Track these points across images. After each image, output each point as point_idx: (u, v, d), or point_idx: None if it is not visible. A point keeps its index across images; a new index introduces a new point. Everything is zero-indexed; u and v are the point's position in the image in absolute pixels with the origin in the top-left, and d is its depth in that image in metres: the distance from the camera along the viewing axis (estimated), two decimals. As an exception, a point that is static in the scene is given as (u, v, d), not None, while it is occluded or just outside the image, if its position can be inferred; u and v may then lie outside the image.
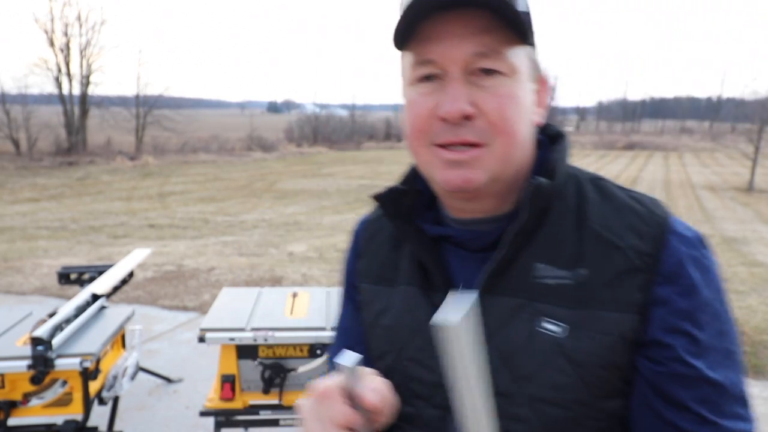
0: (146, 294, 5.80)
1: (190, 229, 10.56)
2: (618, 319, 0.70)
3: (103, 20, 30.00)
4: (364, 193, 16.71)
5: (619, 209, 0.75)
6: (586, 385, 0.71)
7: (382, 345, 0.85)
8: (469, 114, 0.71)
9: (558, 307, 0.72)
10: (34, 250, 8.10)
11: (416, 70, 0.74)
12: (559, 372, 0.71)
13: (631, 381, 0.73)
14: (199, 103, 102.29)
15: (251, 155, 31.47)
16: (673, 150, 42.79)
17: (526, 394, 0.72)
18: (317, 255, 7.87)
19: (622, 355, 0.71)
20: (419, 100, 0.74)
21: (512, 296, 0.74)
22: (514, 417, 0.73)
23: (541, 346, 0.71)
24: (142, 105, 32.02)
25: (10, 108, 27.28)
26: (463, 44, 0.70)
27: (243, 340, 2.39)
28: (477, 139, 0.72)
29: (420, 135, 0.75)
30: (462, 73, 0.71)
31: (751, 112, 24.89)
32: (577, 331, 0.71)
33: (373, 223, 0.93)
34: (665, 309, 0.70)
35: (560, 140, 0.81)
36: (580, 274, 0.72)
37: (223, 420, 2.44)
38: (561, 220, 0.75)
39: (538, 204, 0.73)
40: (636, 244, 0.72)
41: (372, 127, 48.25)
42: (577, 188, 0.78)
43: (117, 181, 19.11)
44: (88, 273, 3.29)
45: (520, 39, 0.72)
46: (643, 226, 0.73)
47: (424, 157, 0.76)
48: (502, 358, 0.73)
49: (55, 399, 2.32)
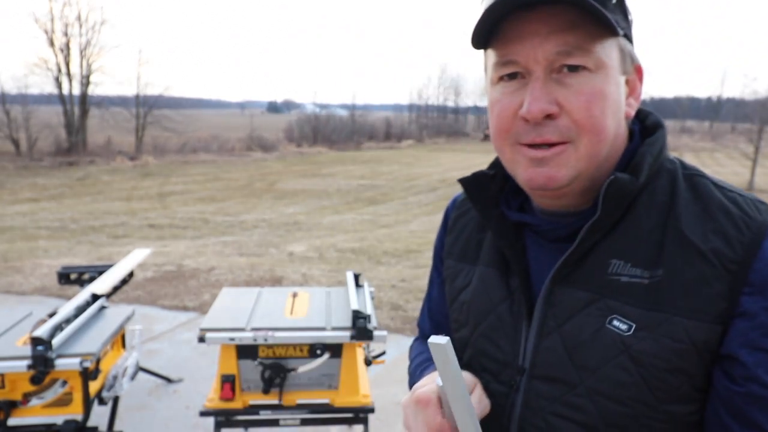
0: (146, 294, 5.79)
1: (190, 229, 10.56)
2: (690, 326, 0.67)
3: (103, 20, 29.95)
4: (364, 193, 16.71)
5: (709, 210, 0.71)
6: (649, 386, 0.69)
7: (460, 318, 0.89)
8: (551, 113, 0.70)
9: (629, 306, 0.70)
10: (34, 250, 8.10)
11: (499, 69, 0.74)
12: (621, 369, 0.70)
13: (704, 389, 0.71)
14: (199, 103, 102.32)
15: (251, 155, 31.45)
16: (673, 150, 42.36)
17: (587, 386, 0.72)
18: (317, 255, 7.87)
19: (693, 362, 0.68)
20: (502, 99, 0.74)
21: (584, 290, 0.74)
22: (574, 406, 0.73)
23: (606, 341, 0.71)
24: (142, 105, 32.00)
25: (10, 108, 27.27)
26: (545, 44, 0.70)
27: (243, 340, 2.39)
28: (560, 138, 0.71)
29: (504, 134, 0.75)
30: (545, 72, 0.71)
31: (751, 112, 24.87)
32: (643, 332, 0.69)
33: (464, 202, 0.96)
34: (748, 323, 0.66)
35: (655, 133, 0.79)
36: (657, 275, 0.70)
37: (223, 420, 2.44)
38: (645, 217, 0.73)
39: (614, 200, 0.72)
40: (721, 249, 0.68)
41: (372, 127, 48.22)
42: (670, 184, 0.74)
43: (117, 181, 19.10)
44: (88, 273, 3.29)
45: (607, 33, 0.70)
46: (733, 231, 0.68)
47: (508, 156, 0.77)
48: (566, 348, 0.74)
49: (55, 399, 2.32)
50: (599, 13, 0.67)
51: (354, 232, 10.43)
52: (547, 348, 0.75)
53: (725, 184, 0.75)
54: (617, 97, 0.73)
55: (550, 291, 0.76)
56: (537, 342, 0.76)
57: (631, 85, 0.77)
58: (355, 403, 2.47)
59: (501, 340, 0.81)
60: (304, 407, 2.45)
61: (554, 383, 0.74)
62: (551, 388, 0.75)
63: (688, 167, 0.77)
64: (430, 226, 11.17)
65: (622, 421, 0.71)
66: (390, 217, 12.65)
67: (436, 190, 17.13)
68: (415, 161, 29.97)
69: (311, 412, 2.46)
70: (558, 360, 0.74)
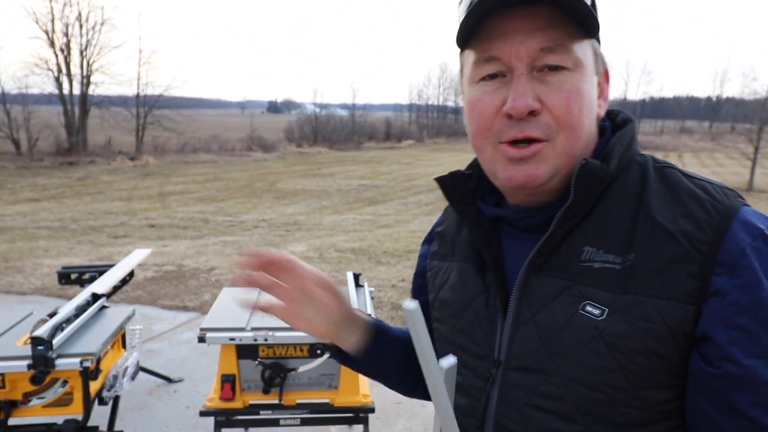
0: (146, 294, 5.80)
1: (191, 229, 10.57)
2: (662, 307, 0.68)
3: (104, 20, 29.93)
4: (364, 193, 16.71)
5: (678, 197, 0.72)
6: (623, 371, 0.69)
7: (440, 315, 0.90)
8: (534, 109, 0.71)
9: (601, 291, 0.71)
10: (35, 250, 8.10)
11: (480, 68, 0.75)
12: (595, 354, 0.70)
13: (681, 375, 0.70)
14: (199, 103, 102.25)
15: (251, 155, 31.48)
16: (673, 150, 42.79)
17: (561, 374, 0.72)
18: (317, 255, 7.87)
19: (666, 344, 0.68)
20: (484, 98, 0.75)
21: (558, 277, 0.74)
22: (549, 395, 0.73)
23: (579, 327, 0.71)
24: (142, 105, 32.02)
25: (10, 108, 27.28)
26: (528, 40, 0.71)
27: (243, 339, 2.39)
28: (541, 135, 0.72)
29: (486, 132, 0.76)
30: (527, 69, 0.72)
31: (750, 112, 24.90)
32: (616, 315, 0.69)
33: (445, 213, 0.99)
34: (721, 301, 0.66)
35: (624, 126, 0.80)
36: (628, 260, 0.70)
37: (223, 420, 2.45)
38: (616, 206, 0.74)
39: (585, 185, 0.72)
40: (690, 230, 0.69)
41: (372, 127, 48.26)
42: (641, 176, 0.76)
43: (117, 181, 19.11)
44: (89, 273, 3.29)
45: (585, 32, 0.72)
46: (701, 214, 0.70)
47: (488, 154, 0.77)
48: (541, 337, 0.74)
49: (56, 399, 2.32)
50: (581, 12, 0.70)
51: (354, 232, 10.43)
52: (522, 338, 0.76)
53: (695, 174, 0.77)
54: (592, 97, 0.75)
55: (524, 280, 0.77)
56: (512, 332, 0.77)
57: (601, 87, 0.79)
58: (355, 403, 2.47)
59: (478, 335, 0.82)
60: (304, 407, 2.46)
61: (529, 373, 0.75)
62: (527, 379, 0.75)
63: (659, 160, 0.79)
64: (430, 226, 11.16)
65: (596, 408, 0.71)
66: (390, 217, 12.66)
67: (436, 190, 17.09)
68: (415, 161, 29.98)
69: (311, 411, 2.46)
70: (533, 349, 0.74)
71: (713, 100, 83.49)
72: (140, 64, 35.40)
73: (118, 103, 31.48)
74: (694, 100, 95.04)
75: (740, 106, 42.24)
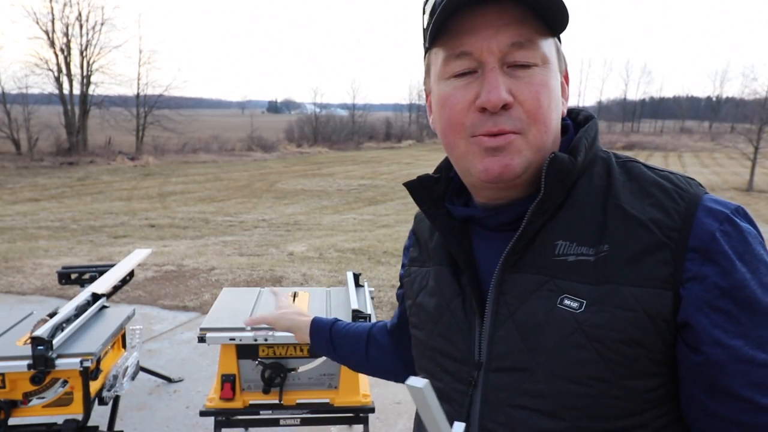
0: (146, 294, 5.80)
1: (191, 229, 10.57)
2: (639, 294, 0.68)
3: (104, 20, 29.93)
4: (364, 193, 16.71)
5: (644, 187, 0.74)
6: (605, 362, 0.69)
7: (417, 321, 0.90)
8: (508, 103, 0.72)
9: (578, 284, 0.71)
10: (35, 250, 8.11)
11: (450, 64, 0.75)
12: (577, 347, 0.70)
13: (664, 363, 0.71)
14: (199, 103, 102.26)
15: (251, 155, 31.48)
16: (673, 150, 42.79)
17: (544, 370, 0.72)
18: (317, 255, 7.87)
19: (647, 332, 0.69)
20: (455, 93, 0.75)
21: (533, 273, 0.74)
22: (533, 393, 0.73)
23: (559, 321, 0.71)
24: (142, 105, 32.02)
25: (10, 108, 27.28)
26: (499, 35, 0.71)
27: (243, 339, 2.39)
28: (514, 128, 0.73)
29: (458, 127, 0.76)
30: (499, 63, 0.72)
31: (750, 113, 24.89)
32: (594, 306, 0.70)
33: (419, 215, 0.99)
34: (699, 286, 0.68)
35: (587, 123, 0.82)
36: (602, 251, 0.71)
37: (223, 420, 2.45)
38: (585, 199, 0.75)
39: (555, 179, 0.73)
40: (660, 218, 0.70)
41: (372, 127, 48.25)
42: (605, 171, 0.77)
43: (117, 181, 19.11)
44: (89, 273, 3.29)
45: (548, 31, 0.73)
46: (668, 202, 0.71)
47: (462, 149, 0.77)
48: (521, 334, 0.74)
49: (56, 399, 2.32)
50: (549, 9, 0.71)
51: (354, 232, 10.43)
52: (502, 337, 0.75)
53: (656, 166, 0.78)
54: (558, 93, 0.77)
55: (500, 279, 0.77)
56: (492, 333, 0.77)
57: (562, 86, 0.80)
58: (355, 403, 2.47)
59: (456, 338, 0.81)
60: (304, 407, 2.46)
61: (512, 373, 0.74)
62: (509, 379, 0.75)
63: (621, 156, 0.80)
64: (430, 226, 11.15)
65: (582, 402, 0.70)
66: (390, 217, 12.66)
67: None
68: (415, 161, 29.97)
69: (311, 411, 2.46)
70: (514, 348, 0.74)
71: (713, 100, 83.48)
72: (140, 64, 35.40)
73: (118, 103, 31.48)
74: (694, 100, 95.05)
75: (740, 106, 42.25)
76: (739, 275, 0.67)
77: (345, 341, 1.16)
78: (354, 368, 1.20)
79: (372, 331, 1.16)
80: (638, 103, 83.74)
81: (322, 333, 1.18)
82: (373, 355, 1.14)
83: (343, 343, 1.16)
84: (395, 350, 1.11)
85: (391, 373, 1.14)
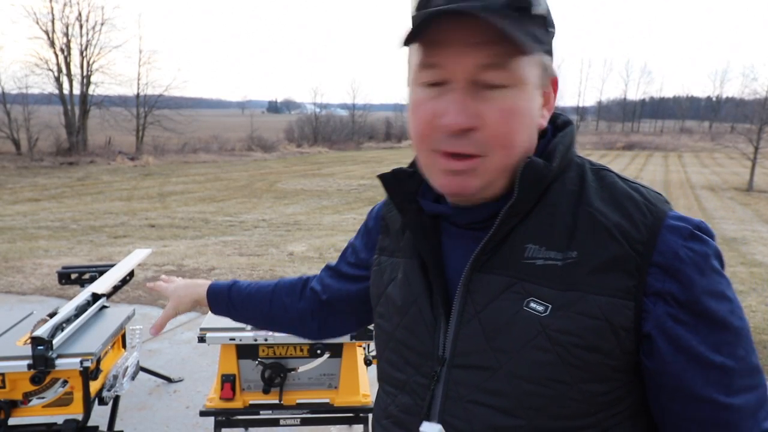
0: (146, 294, 5.79)
1: (191, 229, 10.57)
2: (603, 303, 0.71)
3: (104, 20, 29.90)
4: (365, 193, 16.71)
5: (615, 197, 0.75)
6: (565, 365, 0.71)
7: (384, 312, 0.90)
8: (469, 127, 0.71)
9: (544, 288, 0.72)
10: (35, 250, 8.10)
11: (422, 72, 0.75)
12: (539, 350, 0.72)
13: (621, 369, 0.73)
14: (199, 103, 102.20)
15: (251, 155, 31.48)
16: (673, 150, 42.78)
17: (506, 370, 0.73)
18: (317, 255, 7.87)
19: (608, 339, 0.71)
20: (425, 104, 0.75)
21: (501, 275, 0.75)
22: (493, 391, 0.74)
23: (523, 324, 0.73)
24: (142, 105, 32.00)
25: (10, 108, 27.27)
26: (470, 54, 0.70)
27: (243, 339, 2.39)
28: (474, 151, 0.73)
29: (422, 139, 0.77)
30: (466, 83, 0.71)
31: (750, 113, 24.88)
32: (559, 312, 0.71)
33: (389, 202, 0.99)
34: (661, 300, 0.71)
35: (565, 128, 0.82)
36: (570, 256, 0.72)
37: (223, 420, 2.45)
38: (557, 204, 0.76)
39: (530, 183, 0.74)
40: (628, 230, 0.72)
41: (372, 127, 48.24)
42: (579, 176, 0.78)
43: (117, 181, 19.11)
44: (89, 273, 3.29)
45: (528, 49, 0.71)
46: (638, 215, 0.73)
47: (425, 160, 0.79)
48: (485, 334, 0.75)
49: (56, 399, 2.32)
50: (524, 30, 0.70)
51: (354, 232, 10.40)
52: (467, 335, 0.77)
53: (629, 178, 0.80)
54: (532, 112, 0.75)
55: (469, 278, 0.77)
56: (457, 330, 0.78)
57: (546, 96, 0.79)
58: (355, 403, 2.47)
59: (421, 332, 0.82)
60: (304, 407, 2.46)
61: (474, 370, 0.76)
62: (471, 376, 0.76)
63: (595, 163, 0.82)
64: (430, 226, 11.14)
65: (539, 402, 0.72)
66: (390, 217, 12.62)
67: (436, 190, 17.10)
68: (415, 161, 29.89)
69: (311, 411, 2.46)
70: (478, 346, 0.75)
71: (713, 100, 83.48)
72: (140, 64, 35.38)
73: (118, 103, 31.43)
74: (694, 100, 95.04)
75: (740, 106, 42.23)
76: (698, 290, 0.71)
77: (247, 303, 1.18)
78: (259, 327, 1.23)
79: (276, 292, 1.17)
80: (638, 103, 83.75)
81: (219, 300, 1.20)
82: (278, 315, 1.16)
83: (248, 304, 1.18)
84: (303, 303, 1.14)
85: (294, 329, 1.18)
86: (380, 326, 0.92)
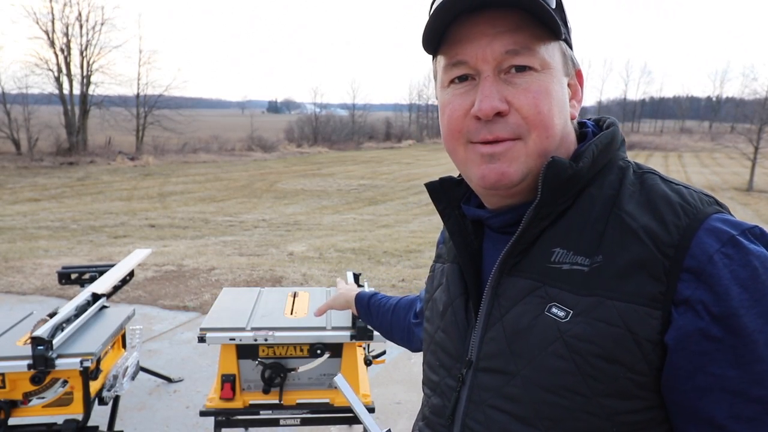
0: (146, 294, 5.80)
1: (191, 228, 10.57)
2: (624, 310, 0.66)
3: (104, 20, 29.91)
4: (364, 193, 16.71)
5: (651, 199, 0.71)
6: (583, 376, 0.68)
7: (429, 315, 0.92)
8: (502, 111, 0.72)
9: (568, 293, 0.70)
10: (35, 250, 8.10)
11: (449, 72, 0.76)
12: (556, 356, 0.69)
13: (648, 387, 0.68)
14: (199, 103, 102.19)
15: (251, 155, 31.49)
16: (673, 150, 42.80)
17: (524, 376, 0.72)
18: (317, 255, 7.87)
19: (630, 350, 0.66)
20: (454, 101, 0.76)
21: (527, 278, 0.74)
22: (510, 397, 0.73)
23: (543, 329, 0.71)
24: (142, 105, 32.01)
25: (10, 108, 27.27)
26: (494, 43, 0.72)
27: (243, 339, 2.39)
28: (511, 135, 0.73)
29: (456, 134, 0.77)
30: (494, 71, 0.73)
31: (750, 113, 24.89)
32: (579, 317, 0.68)
33: None
34: (690, 311, 0.64)
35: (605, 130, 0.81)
36: (596, 261, 0.69)
37: (223, 420, 2.45)
38: (590, 207, 0.73)
39: (553, 182, 0.72)
40: (656, 232, 0.67)
41: (372, 127, 48.26)
42: (619, 180, 0.75)
43: (117, 181, 19.11)
44: (89, 273, 3.29)
45: (551, 35, 0.73)
46: (670, 216, 0.68)
47: (461, 156, 0.78)
48: (507, 337, 0.74)
49: (56, 399, 2.32)
50: (545, 15, 0.70)
51: (354, 232, 10.43)
52: (491, 338, 0.76)
53: (674, 180, 0.75)
54: (562, 97, 0.76)
55: (497, 281, 0.77)
56: (483, 333, 0.77)
57: (573, 88, 0.80)
58: (355, 403, 2.47)
59: (454, 335, 0.82)
60: (304, 407, 2.45)
61: (495, 374, 0.75)
62: (493, 380, 0.75)
63: (642, 167, 0.78)
64: (430, 226, 11.18)
65: (555, 413, 0.69)
66: (390, 217, 12.66)
67: (436, 190, 17.11)
68: (415, 161, 29.98)
69: (311, 411, 2.46)
70: (499, 350, 0.74)
71: (713, 100, 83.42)
72: (140, 64, 35.37)
73: (118, 103, 31.46)
74: (694, 100, 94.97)
75: (740, 106, 42.24)
76: (735, 303, 0.63)
77: (378, 311, 1.38)
78: (385, 336, 1.41)
79: (398, 305, 1.34)
80: (638, 103, 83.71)
81: (361, 305, 1.44)
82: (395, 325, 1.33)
83: (378, 313, 1.38)
84: (410, 318, 1.28)
85: (404, 341, 1.33)
86: (426, 329, 0.92)
